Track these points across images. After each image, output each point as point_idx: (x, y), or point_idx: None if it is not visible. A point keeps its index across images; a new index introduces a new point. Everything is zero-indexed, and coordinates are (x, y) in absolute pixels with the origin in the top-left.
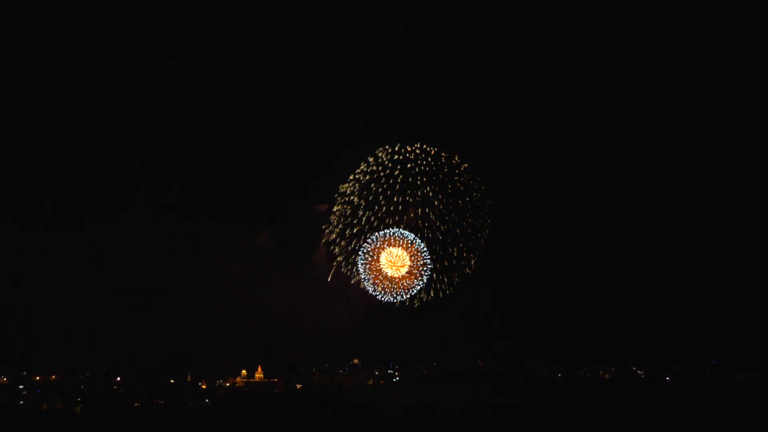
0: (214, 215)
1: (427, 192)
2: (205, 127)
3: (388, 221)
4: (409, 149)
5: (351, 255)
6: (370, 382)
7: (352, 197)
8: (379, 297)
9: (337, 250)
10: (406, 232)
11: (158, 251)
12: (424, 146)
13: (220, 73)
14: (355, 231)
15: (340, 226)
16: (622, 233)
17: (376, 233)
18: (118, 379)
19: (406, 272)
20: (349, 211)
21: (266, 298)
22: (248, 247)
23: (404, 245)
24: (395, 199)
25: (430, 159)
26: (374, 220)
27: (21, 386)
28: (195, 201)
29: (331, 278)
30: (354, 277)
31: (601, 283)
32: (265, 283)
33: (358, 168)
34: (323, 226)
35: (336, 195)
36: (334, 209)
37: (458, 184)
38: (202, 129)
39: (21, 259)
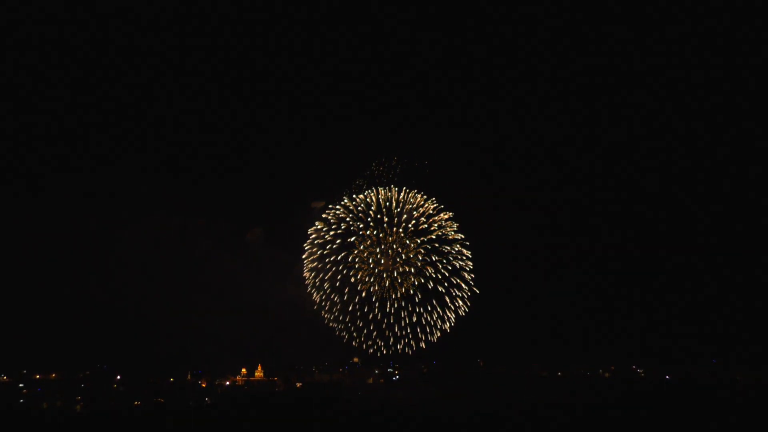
0: (207, 213)
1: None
2: (199, 126)
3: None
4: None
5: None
6: (370, 380)
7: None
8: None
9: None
10: None
11: (154, 250)
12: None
13: (216, 72)
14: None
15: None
16: (622, 233)
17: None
18: (118, 377)
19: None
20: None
21: (262, 297)
22: (242, 244)
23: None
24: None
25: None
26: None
27: (21, 385)
28: (189, 200)
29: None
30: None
31: (602, 282)
32: (259, 281)
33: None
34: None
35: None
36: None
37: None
38: (194, 128)
39: (20, 258)
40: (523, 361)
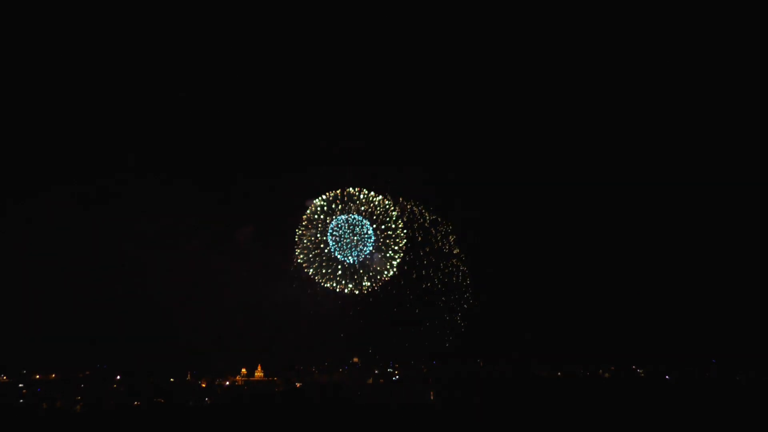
0: (197, 212)
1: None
2: (189, 124)
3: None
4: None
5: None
6: (370, 380)
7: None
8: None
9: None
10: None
11: (153, 250)
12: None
13: (207, 70)
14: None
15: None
16: (622, 232)
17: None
18: (118, 377)
19: None
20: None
21: (257, 296)
22: (234, 243)
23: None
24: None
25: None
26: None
27: (21, 385)
28: (184, 200)
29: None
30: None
31: (602, 281)
32: (251, 280)
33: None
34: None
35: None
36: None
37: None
38: (185, 125)
39: (19, 258)
40: (523, 361)
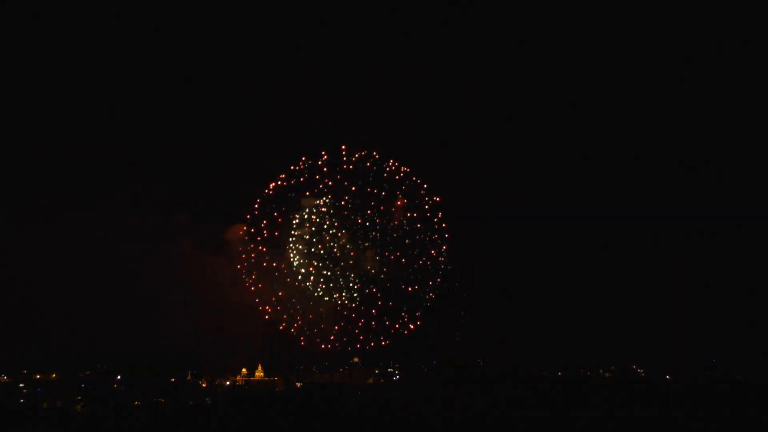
0: (190, 211)
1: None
2: (181, 121)
3: None
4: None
5: None
6: (371, 380)
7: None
8: None
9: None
10: None
11: (153, 250)
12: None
13: (199, 70)
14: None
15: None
16: (621, 230)
17: None
18: (119, 377)
19: None
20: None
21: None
22: (226, 242)
23: None
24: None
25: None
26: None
27: (21, 384)
28: (178, 198)
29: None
30: None
31: (602, 281)
32: (244, 279)
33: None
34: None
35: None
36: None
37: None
38: (177, 122)
39: (19, 257)
40: (523, 360)
